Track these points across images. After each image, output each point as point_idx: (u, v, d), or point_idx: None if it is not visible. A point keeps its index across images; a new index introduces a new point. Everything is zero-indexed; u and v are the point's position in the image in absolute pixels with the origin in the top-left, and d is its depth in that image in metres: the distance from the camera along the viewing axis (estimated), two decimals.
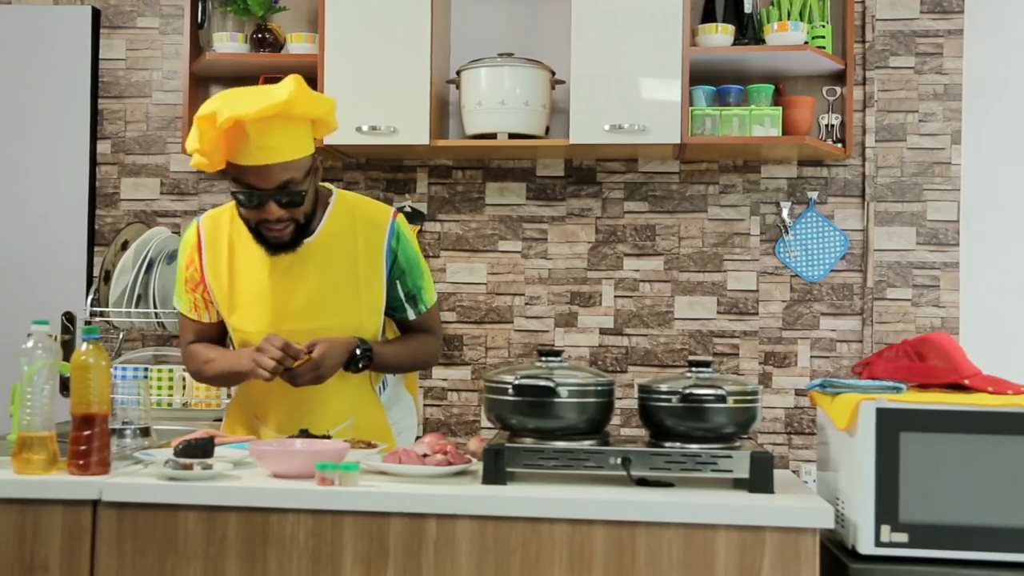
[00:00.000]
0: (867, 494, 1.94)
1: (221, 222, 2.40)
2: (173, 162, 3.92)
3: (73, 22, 3.91)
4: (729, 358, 3.74)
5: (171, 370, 3.27)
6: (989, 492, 1.92)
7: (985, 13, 3.71)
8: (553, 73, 3.61)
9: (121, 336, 3.41)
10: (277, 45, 3.76)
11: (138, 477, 2.03)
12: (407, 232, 2.45)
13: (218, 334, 2.50)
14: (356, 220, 2.41)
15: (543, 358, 2.08)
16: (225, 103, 2.19)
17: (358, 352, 2.33)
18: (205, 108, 2.20)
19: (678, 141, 3.44)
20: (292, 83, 2.24)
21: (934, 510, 1.93)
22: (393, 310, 2.48)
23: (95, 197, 3.92)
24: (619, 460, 1.98)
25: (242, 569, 1.95)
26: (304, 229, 2.33)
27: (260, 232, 2.30)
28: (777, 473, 2.02)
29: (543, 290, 3.80)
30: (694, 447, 1.99)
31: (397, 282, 2.44)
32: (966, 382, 2.06)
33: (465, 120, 3.60)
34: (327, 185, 2.46)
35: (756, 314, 3.75)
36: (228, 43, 3.72)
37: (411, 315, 2.48)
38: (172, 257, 3.36)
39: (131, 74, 3.94)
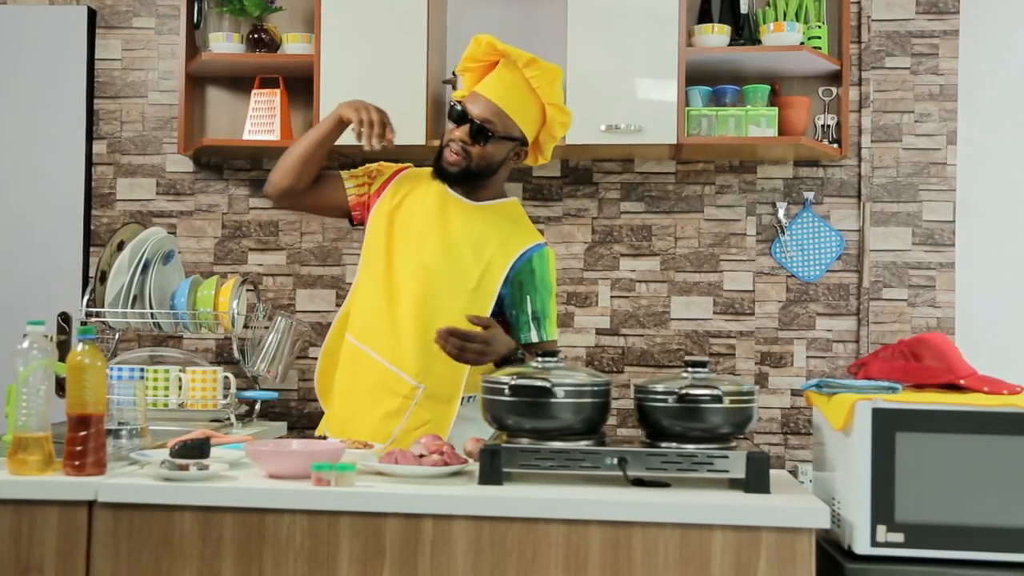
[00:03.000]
0: (863, 494, 1.94)
1: (420, 172, 2.66)
2: (169, 162, 3.91)
3: (69, 22, 3.91)
4: (725, 358, 3.74)
5: (167, 371, 3.26)
6: (985, 492, 1.93)
7: (980, 14, 3.72)
8: None
9: (117, 337, 3.40)
10: (273, 45, 3.76)
11: (134, 478, 2.03)
12: (550, 260, 2.61)
13: (331, 187, 2.65)
14: (517, 222, 2.63)
15: (540, 358, 2.08)
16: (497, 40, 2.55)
17: (519, 353, 2.39)
18: (487, 35, 2.58)
19: (674, 141, 3.44)
20: (553, 66, 2.53)
21: (930, 510, 1.93)
22: (517, 328, 2.55)
23: (91, 197, 3.92)
24: (615, 460, 1.98)
25: (238, 570, 1.95)
26: (473, 176, 2.54)
27: (442, 152, 2.55)
28: (773, 473, 2.02)
29: None
30: (690, 447, 1.99)
31: (528, 297, 2.54)
32: (962, 382, 2.06)
33: None
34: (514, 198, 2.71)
35: (752, 314, 3.75)
36: (224, 43, 3.72)
37: (535, 337, 2.56)
38: (168, 257, 3.35)
39: (127, 74, 3.94)
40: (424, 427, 2.46)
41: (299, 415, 3.85)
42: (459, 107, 2.52)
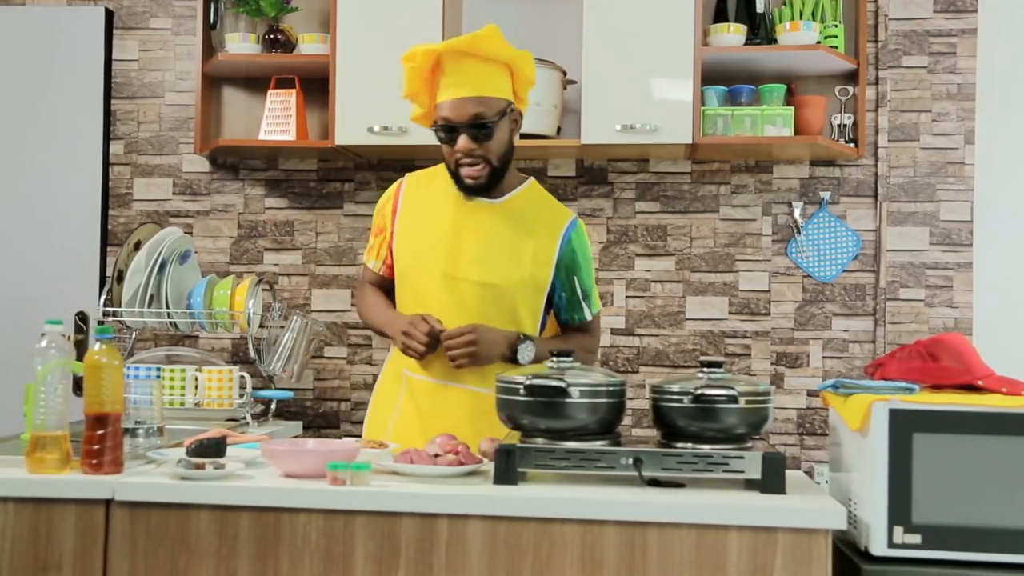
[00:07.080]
0: (880, 495, 1.94)
1: (423, 178, 2.63)
2: (185, 162, 3.93)
3: (86, 23, 3.93)
4: (741, 358, 3.74)
5: (183, 370, 3.27)
6: (1002, 493, 1.92)
7: (998, 12, 3.69)
8: (564, 73, 3.61)
9: (134, 336, 3.42)
10: (289, 46, 3.77)
11: (151, 476, 2.04)
12: (585, 233, 2.60)
13: (383, 285, 2.66)
14: (543, 204, 2.60)
15: (555, 359, 2.08)
16: (425, 44, 2.47)
17: (520, 342, 2.43)
18: (409, 49, 2.47)
19: (690, 141, 3.43)
20: (486, 28, 2.45)
21: (947, 511, 1.92)
22: (568, 308, 2.57)
23: (108, 197, 3.94)
24: (631, 460, 1.98)
25: (254, 568, 1.95)
26: (499, 174, 2.49)
27: (458, 174, 2.48)
28: (789, 474, 2.02)
29: None
30: (706, 448, 1.99)
31: (575, 277, 2.55)
32: (979, 383, 2.06)
33: None
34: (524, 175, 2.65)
35: (768, 314, 3.74)
36: (240, 44, 3.73)
37: (588, 315, 2.59)
38: (185, 257, 3.37)
39: (144, 75, 3.95)
40: None
41: (314, 414, 3.86)
42: (442, 123, 2.44)
